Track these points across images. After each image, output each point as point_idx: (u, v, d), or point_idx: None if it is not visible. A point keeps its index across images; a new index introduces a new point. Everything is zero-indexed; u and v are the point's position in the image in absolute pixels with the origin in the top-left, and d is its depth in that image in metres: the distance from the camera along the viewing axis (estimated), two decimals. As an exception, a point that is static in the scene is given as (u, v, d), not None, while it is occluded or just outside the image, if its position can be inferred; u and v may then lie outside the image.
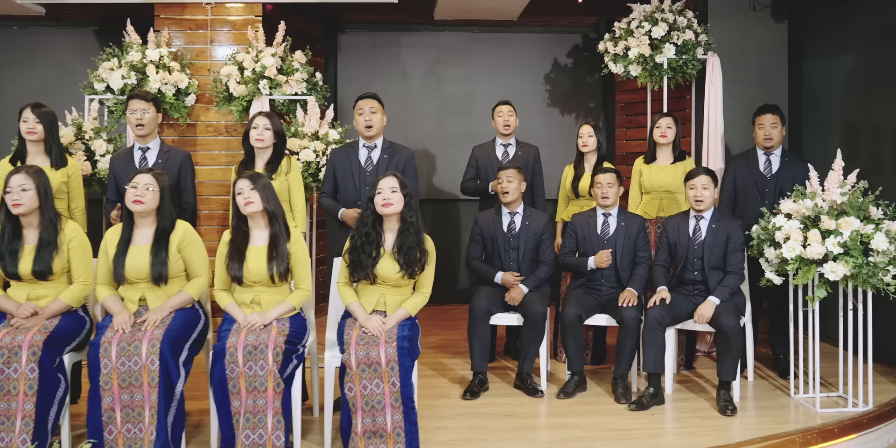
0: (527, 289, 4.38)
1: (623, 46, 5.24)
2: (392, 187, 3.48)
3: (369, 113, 4.12)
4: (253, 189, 3.44)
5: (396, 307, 3.52)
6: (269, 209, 3.45)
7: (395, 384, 3.26)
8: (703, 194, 4.18)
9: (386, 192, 3.48)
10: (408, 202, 3.50)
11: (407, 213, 3.50)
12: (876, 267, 3.74)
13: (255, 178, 3.48)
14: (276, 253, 3.43)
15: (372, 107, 4.14)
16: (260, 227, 3.50)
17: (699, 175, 4.20)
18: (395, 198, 3.47)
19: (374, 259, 3.48)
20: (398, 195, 3.48)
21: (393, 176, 3.51)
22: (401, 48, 6.76)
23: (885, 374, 4.64)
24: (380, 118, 4.16)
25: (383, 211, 3.47)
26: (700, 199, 4.19)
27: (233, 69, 5.02)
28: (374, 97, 4.18)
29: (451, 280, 6.82)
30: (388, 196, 3.47)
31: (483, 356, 4.28)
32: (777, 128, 4.59)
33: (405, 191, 3.50)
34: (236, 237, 3.50)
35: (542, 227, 4.49)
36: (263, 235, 3.49)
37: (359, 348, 3.30)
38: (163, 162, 4.12)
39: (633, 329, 4.14)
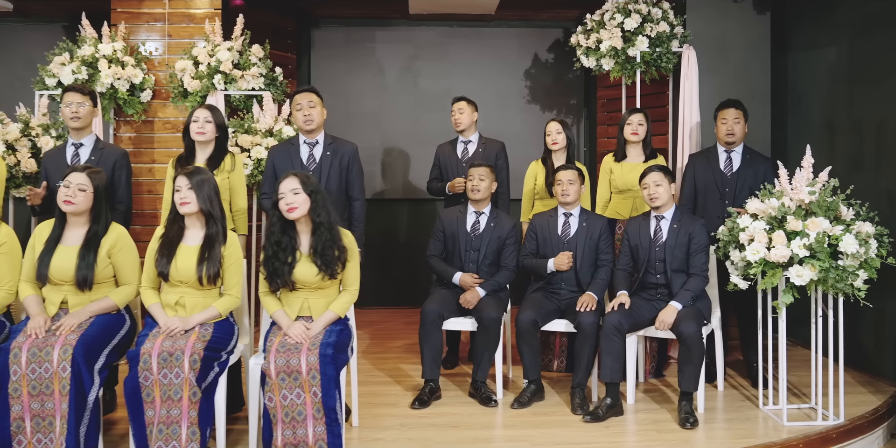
0: (483, 292, 4.18)
1: (595, 39, 5.01)
2: (294, 189, 3.27)
3: (308, 107, 3.93)
4: (191, 188, 3.27)
5: (323, 311, 3.33)
6: (206, 210, 3.27)
7: (316, 394, 3.06)
8: (657, 191, 3.96)
9: (288, 195, 3.27)
10: (314, 201, 3.30)
11: (314, 213, 3.30)
12: (845, 271, 3.50)
13: (195, 174, 3.30)
14: (208, 254, 3.25)
15: (310, 101, 3.94)
16: (196, 226, 3.33)
17: (651, 172, 3.98)
18: (298, 200, 3.27)
19: (290, 265, 3.29)
20: (301, 196, 3.28)
21: (293, 176, 3.31)
22: (376, 43, 6.57)
23: (864, 383, 4.38)
24: (319, 112, 3.97)
25: (289, 216, 3.28)
26: (655, 197, 3.96)
27: (187, 64, 4.86)
28: (311, 91, 3.98)
29: (425, 282, 6.61)
30: (291, 200, 3.27)
31: (434, 363, 4.07)
32: (740, 123, 4.37)
33: (309, 189, 3.29)
34: (170, 232, 3.33)
35: (507, 231, 4.28)
36: (198, 235, 3.32)
37: (278, 356, 3.11)
38: (96, 159, 3.95)
39: (591, 335, 3.92)
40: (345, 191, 3.96)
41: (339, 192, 3.93)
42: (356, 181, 3.97)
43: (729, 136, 4.36)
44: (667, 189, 3.99)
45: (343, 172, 3.94)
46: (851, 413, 3.83)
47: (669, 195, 4.01)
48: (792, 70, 5.37)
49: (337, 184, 3.91)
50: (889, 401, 4.06)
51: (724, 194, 4.37)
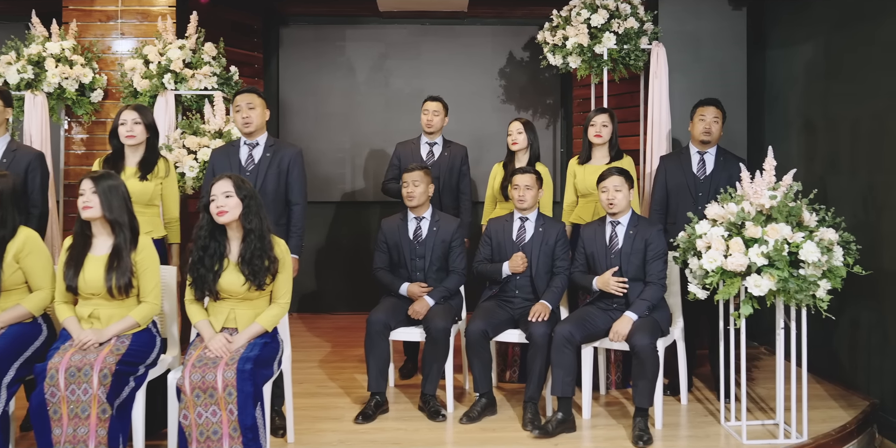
0: (432, 301, 3.99)
1: (561, 36, 4.81)
2: (226, 192, 3.09)
3: (246, 109, 3.75)
4: (95, 192, 3.09)
5: (250, 323, 3.14)
6: (110, 218, 3.09)
7: (232, 412, 2.88)
8: (616, 197, 3.76)
9: (219, 198, 3.09)
10: (247, 206, 3.11)
11: (246, 219, 3.11)
12: (805, 281, 3.28)
13: (103, 179, 3.13)
14: (116, 264, 3.07)
15: (249, 102, 3.75)
16: (103, 234, 3.15)
17: (610, 176, 3.79)
18: (229, 204, 3.09)
19: (215, 273, 3.10)
20: (234, 200, 3.09)
21: (227, 178, 3.13)
22: (346, 42, 6.39)
23: (837, 397, 4.16)
24: (259, 114, 3.77)
25: (219, 220, 3.09)
26: (612, 203, 3.76)
27: (137, 62, 4.69)
28: (251, 91, 3.79)
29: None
30: (222, 203, 3.08)
31: (381, 375, 3.89)
32: (718, 123, 4.16)
33: (242, 193, 3.11)
34: (77, 243, 3.15)
35: (451, 233, 4.10)
36: (106, 244, 3.14)
37: (194, 371, 2.93)
38: (7, 161, 3.78)
39: (543, 347, 3.72)
40: (283, 194, 3.78)
41: (277, 195, 3.75)
42: (296, 184, 3.79)
43: (705, 133, 4.16)
44: (626, 195, 3.79)
45: (282, 175, 3.75)
46: (817, 430, 3.62)
47: (628, 202, 3.81)
48: (769, 67, 5.15)
49: (274, 186, 3.73)
50: (860, 416, 3.84)
51: (696, 198, 4.16)
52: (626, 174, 3.83)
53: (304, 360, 4.97)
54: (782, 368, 3.57)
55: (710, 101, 4.20)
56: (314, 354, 5.13)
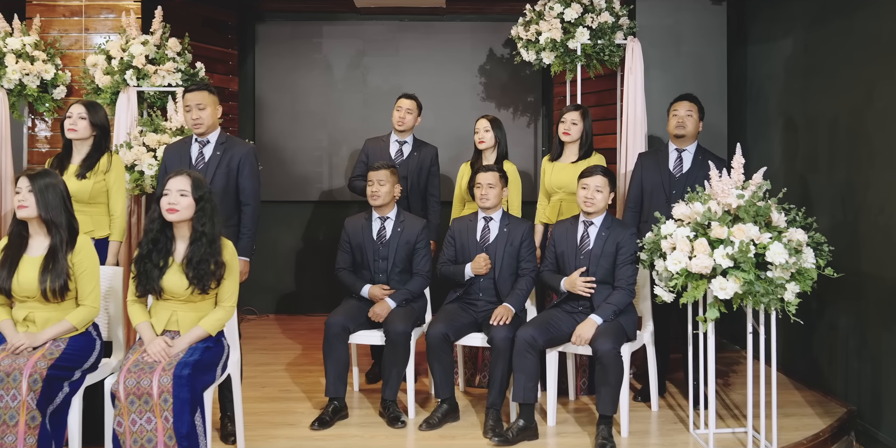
0: (394, 303, 3.87)
1: (534, 31, 4.68)
2: (181, 190, 2.97)
3: (196, 110, 3.60)
4: (31, 190, 2.98)
5: (192, 326, 3.02)
6: (46, 217, 2.97)
7: (168, 419, 2.76)
8: (596, 197, 3.62)
9: (173, 194, 2.97)
10: (200, 208, 2.99)
11: (198, 221, 2.99)
12: (772, 283, 3.15)
13: (40, 177, 3.01)
14: (51, 265, 2.95)
15: (200, 103, 3.60)
16: (39, 234, 3.03)
17: (595, 174, 3.65)
18: (182, 202, 2.97)
19: (160, 270, 2.98)
20: (188, 199, 2.97)
21: (185, 176, 3.00)
22: (323, 38, 6.27)
23: (814, 403, 4.03)
24: (210, 114, 3.62)
25: (167, 216, 2.97)
26: (590, 202, 3.63)
27: (99, 58, 4.58)
28: (203, 89, 3.65)
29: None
30: (175, 200, 2.96)
31: (339, 380, 3.76)
32: (692, 117, 4.03)
33: (199, 193, 2.99)
34: (13, 243, 3.04)
35: (416, 234, 3.97)
36: (43, 245, 3.02)
37: (129, 376, 2.81)
38: None
39: (504, 351, 3.59)
40: (233, 194, 3.64)
41: (225, 194, 3.61)
42: (247, 184, 3.65)
43: (679, 127, 4.02)
44: (605, 197, 3.66)
45: (232, 174, 3.62)
46: (789, 438, 3.49)
47: (606, 204, 3.68)
48: (749, 64, 5.02)
49: (223, 185, 3.59)
50: (835, 424, 3.70)
51: (670, 197, 4.02)
52: (611, 176, 3.70)
53: (272, 363, 4.86)
54: (751, 374, 3.44)
55: (682, 96, 4.07)
56: (283, 357, 5.02)
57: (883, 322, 3.66)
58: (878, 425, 3.69)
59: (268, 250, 6.36)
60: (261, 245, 6.35)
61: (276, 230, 6.37)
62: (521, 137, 6.19)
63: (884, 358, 3.66)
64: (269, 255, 6.36)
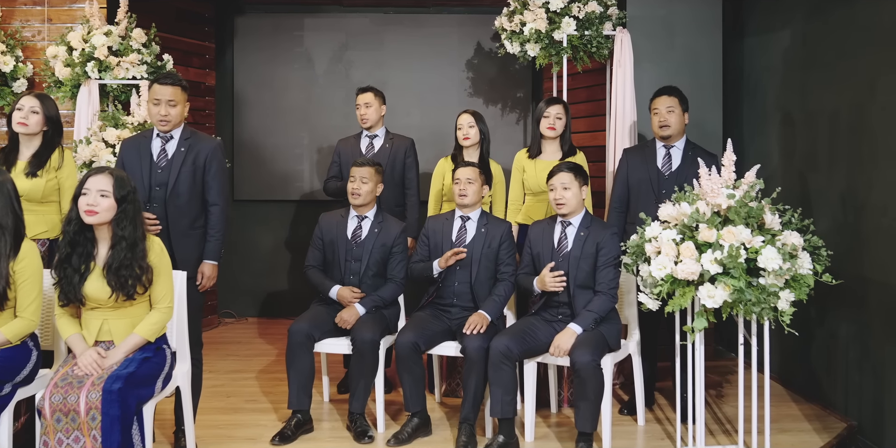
0: (363, 310, 3.63)
1: (518, 21, 4.43)
2: (101, 190, 2.72)
3: (167, 105, 3.28)
4: None
5: (126, 334, 2.78)
6: None
7: (96, 438, 2.53)
8: (564, 196, 3.38)
9: (92, 195, 2.71)
10: (122, 210, 2.74)
11: (118, 225, 2.74)
12: (764, 291, 2.90)
13: None
14: None
15: (172, 100, 3.28)
16: None
17: (559, 172, 3.42)
18: (103, 203, 2.71)
19: (82, 276, 2.74)
20: (108, 201, 2.72)
21: (107, 175, 2.75)
22: (305, 31, 6.03)
23: (812, 418, 3.77)
24: (180, 112, 3.30)
25: (86, 219, 2.72)
26: (561, 202, 3.39)
27: (60, 50, 4.35)
28: (177, 84, 3.36)
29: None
30: (94, 201, 2.70)
31: (303, 391, 3.53)
32: (675, 113, 3.78)
33: (121, 193, 2.73)
34: None
35: (393, 238, 3.74)
36: None
37: (55, 392, 2.58)
38: None
39: (478, 362, 3.35)
40: (200, 193, 3.38)
41: (193, 194, 3.33)
42: (214, 183, 3.37)
43: (663, 128, 3.78)
44: (576, 193, 3.42)
45: (198, 172, 3.34)
46: (783, 457, 3.24)
47: (579, 201, 3.44)
48: (746, 57, 4.76)
49: (189, 184, 3.31)
50: (834, 441, 3.45)
51: (659, 196, 3.78)
52: (578, 169, 3.46)
53: (242, 371, 4.62)
54: (742, 388, 3.19)
55: (661, 91, 3.83)
56: (256, 364, 4.78)
57: (886, 331, 3.41)
58: (880, 442, 3.43)
59: (247, 252, 6.14)
60: (240, 246, 6.14)
61: (255, 231, 6.14)
62: (510, 134, 5.95)
63: (887, 370, 3.40)
64: (249, 257, 6.14)
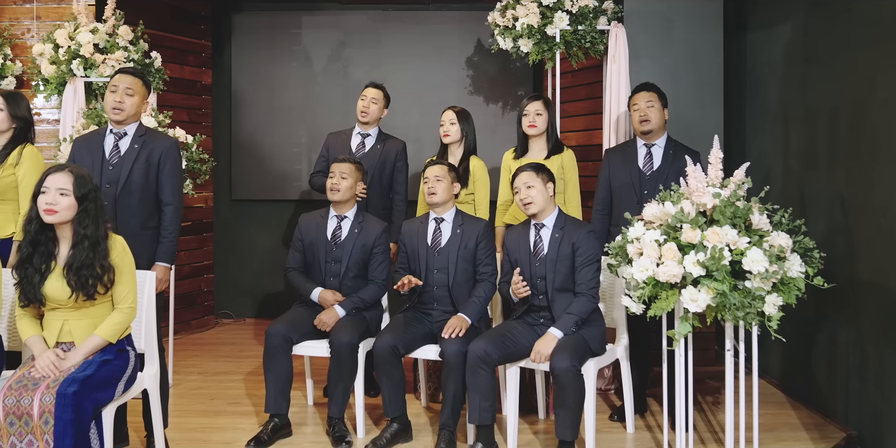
0: (343, 312, 3.54)
1: (511, 16, 4.32)
2: (61, 189, 2.64)
3: (123, 93, 3.23)
4: None
5: (88, 335, 2.71)
6: None
7: (48, 443, 2.46)
8: (529, 195, 3.27)
9: (51, 193, 2.64)
10: (83, 208, 2.67)
11: (80, 224, 2.67)
12: (749, 294, 2.76)
13: None
14: None
15: (129, 87, 3.22)
16: None
17: (521, 173, 3.32)
18: (62, 203, 2.64)
19: (42, 275, 2.68)
20: (68, 199, 2.65)
21: (67, 172, 2.67)
22: (303, 29, 5.96)
23: (811, 427, 3.62)
24: (135, 103, 3.23)
25: (45, 218, 2.65)
26: (528, 202, 3.28)
27: (46, 47, 4.32)
28: (137, 75, 3.31)
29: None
30: (53, 200, 2.64)
31: (280, 394, 3.45)
32: (654, 108, 3.67)
33: (82, 192, 2.66)
34: None
35: (374, 238, 3.65)
36: None
37: (10, 394, 2.51)
38: None
39: (456, 367, 3.25)
40: (154, 192, 3.27)
41: (145, 193, 3.24)
42: (168, 182, 3.27)
43: (643, 123, 3.68)
44: (542, 191, 3.30)
45: (152, 170, 3.24)
46: (774, 469, 3.10)
47: (547, 197, 3.32)
48: (749, 52, 4.61)
49: (142, 183, 3.22)
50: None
51: (641, 197, 3.67)
52: (539, 168, 3.35)
53: (231, 372, 4.56)
54: (732, 395, 3.05)
55: (639, 87, 3.75)
56: (246, 365, 4.71)
57: (886, 337, 3.25)
58: (879, 453, 3.28)
59: (245, 251, 6.09)
60: (238, 246, 6.09)
61: (253, 230, 6.09)
62: (510, 133, 5.74)
63: (887, 378, 3.25)
64: (247, 257, 6.09)
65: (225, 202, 6.02)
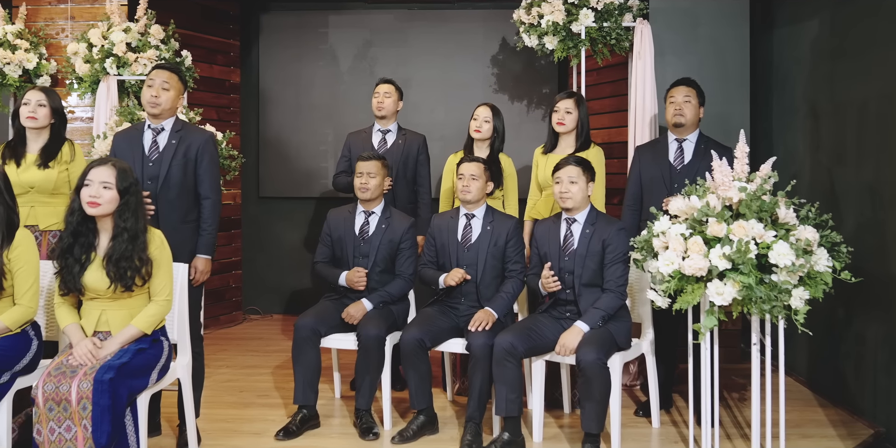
0: (370, 305, 3.59)
1: (536, 14, 4.35)
2: (104, 182, 2.72)
3: (160, 88, 3.32)
4: None
5: (124, 325, 2.78)
6: None
7: (87, 428, 2.53)
8: (570, 190, 3.29)
9: (94, 186, 2.72)
10: (125, 202, 2.75)
11: (120, 216, 2.75)
12: (776, 288, 2.77)
13: None
14: None
15: (166, 81, 3.30)
16: None
17: (566, 166, 3.33)
18: (105, 196, 2.72)
19: (82, 266, 2.75)
20: (111, 193, 2.73)
21: (109, 166, 2.75)
22: (329, 28, 6.02)
23: (838, 423, 3.60)
24: (172, 97, 3.30)
25: (88, 210, 2.73)
26: (566, 196, 3.30)
27: (81, 46, 4.41)
28: (173, 71, 3.38)
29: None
30: (97, 193, 2.71)
31: (308, 387, 3.50)
32: (691, 103, 3.67)
33: (124, 185, 2.74)
34: None
35: (401, 233, 3.69)
36: None
37: (49, 381, 2.59)
38: None
39: (483, 360, 3.28)
40: (192, 187, 3.36)
41: (184, 187, 3.32)
42: (206, 176, 3.35)
43: (677, 116, 3.68)
44: (582, 188, 3.33)
45: (190, 165, 3.33)
46: (801, 464, 3.10)
47: (584, 196, 3.35)
48: (776, 49, 4.59)
49: (180, 178, 3.30)
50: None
51: (672, 192, 3.67)
52: (585, 164, 3.37)
53: (259, 366, 4.63)
54: (758, 390, 3.05)
55: (678, 81, 3.74)
56: (274, 360, 4.78)
57: (914, 334, 3.24)
58: (907, 450, 3.27)
59: (272, 248, 6.16)
60: (265, 243, 6.17)
61: (280, 228, 6.16)
62: (535, 131, 5.84)
63: (915, 374, 3.24)
64: (274, 254, 6.16)
65: (252, 199, 6.10)
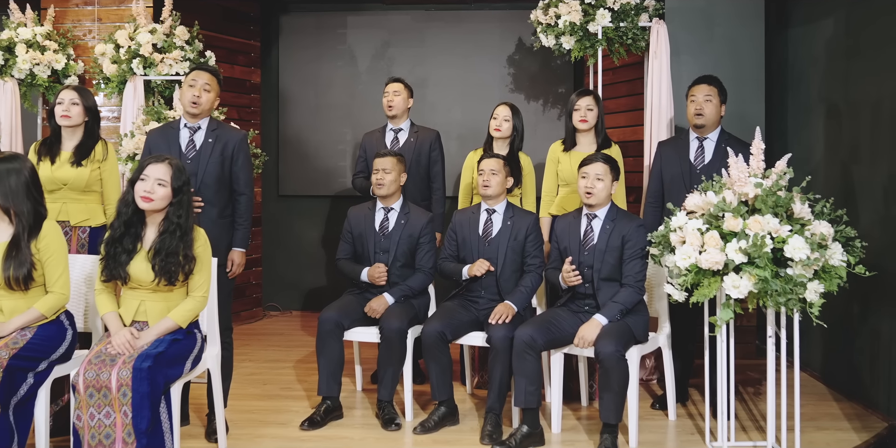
0: (392, 299, 3.67)
1: (553, 14, 4.42)
2: (160, 179, 2.83)
3: (201, 89, 3.37)
4: None
5: (161, 316, 2.88)
6: (4, 205, 2.85)
7: (126, 414, 2.62)
8: (596, 186, 3.36)
9: (149, 182, 2.82)
10: (178, 200, 2.85)
11: (175, 213, 2.85)
12: (791, 281, 2.83)
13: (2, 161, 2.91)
14: (14, 253, 2.84)
15: (207, 83, 3.37)
16: (4, 221, 2.93)
17: (595, 162, 3.39)
18: (159, 192, 2.83)
19: (129, 254, 2.85)
20: (165, 190, 2.83)
21: (167, 164, 2.86)
22: (348, 29, 6.12)
23: (853, 417, 3.66)
24: (210, 99, 3.41)
25: (141, 204, 2.83)
26: (591, 192, 3.37)
27: (108, 47, 4.52)
28: (213, 72, 3.45)
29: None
30: (151, 189, 2.82)
31: (331, 378, 3.59)
32: (712, 102, 3.72)
33: (178, 184, 2.85)
34: None
35: (420, 228, 3.77)
36: (6, 232, 2.91)
37: (89, 368, 2.68)
38: None
39: (503, 352, 3.36)
40: (228, 183, 3.46)
41: (221, 184, 3.42)
42: (241, 173, 3.46)
43: (697, 116, 3.73)
44: (607, 186, 3.39)
45: (226, 162, 3.43)
46: (815, 455, 3.16)
47: (608, 194, 3.42)
48: (791, 48, 4.65)
49: (217, 175, 3.40)
50: (872, 441, 3.34)
51: (691, 189, 3.73)
52: (613, 163, 3.44)
53: (281, 360, 4.72)
54: (773, 382, 3.12)
55: (700, 79, 3.78)
56: (295, 354, 4.87)
57: (928, 328, 3.30)
58: (921, 442, 3.32)
59: (291, 246, 6.26)
60: (284, 241, 6.27)
61: (299, 225, 6.26)
62: (551, 130, 5.92)
63: (929, 368, 3.29)
64: (293, 251, 6.25)
65: (273, 197, 6.20)
